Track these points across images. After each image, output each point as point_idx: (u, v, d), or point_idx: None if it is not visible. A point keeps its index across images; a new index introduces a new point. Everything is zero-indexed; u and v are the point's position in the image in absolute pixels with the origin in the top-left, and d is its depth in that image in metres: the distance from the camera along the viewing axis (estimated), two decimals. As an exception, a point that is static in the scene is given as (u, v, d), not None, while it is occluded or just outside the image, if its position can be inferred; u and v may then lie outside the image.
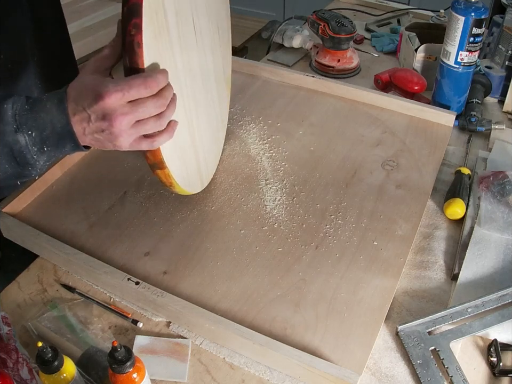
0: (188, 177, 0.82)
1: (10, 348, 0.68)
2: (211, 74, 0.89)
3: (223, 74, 0.97)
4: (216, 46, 0.89)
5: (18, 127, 0.62)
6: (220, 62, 0.93)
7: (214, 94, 0.91)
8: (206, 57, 0.85)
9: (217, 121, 0.95)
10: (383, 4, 1.69)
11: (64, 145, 0.65)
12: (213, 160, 0.95)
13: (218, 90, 0.94)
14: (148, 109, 0.62)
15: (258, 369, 0.71)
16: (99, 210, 0.91)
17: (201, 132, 0.86)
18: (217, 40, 0.89)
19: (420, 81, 1.20)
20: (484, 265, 0.83)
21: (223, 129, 1.02)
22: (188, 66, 0.76)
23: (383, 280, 0.80)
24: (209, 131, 0.90)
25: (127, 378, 0.60)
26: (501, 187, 0.92)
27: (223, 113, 1.00)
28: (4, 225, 0.86)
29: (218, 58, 0.91)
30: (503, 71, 1.23)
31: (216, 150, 0.97)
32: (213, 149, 0.94)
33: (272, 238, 0.86)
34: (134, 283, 0.76)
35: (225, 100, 1.01)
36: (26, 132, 0.62)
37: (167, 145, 0.69)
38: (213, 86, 0.90)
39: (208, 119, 0.89)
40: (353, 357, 0.70)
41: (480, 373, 0.71)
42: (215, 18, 0.87)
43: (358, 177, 0.98)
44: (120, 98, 0.60)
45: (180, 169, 0.77)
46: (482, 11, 1.03)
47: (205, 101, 0.87)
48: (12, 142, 0.62)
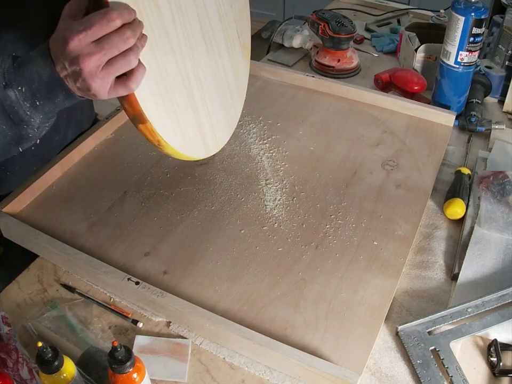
0: (183, 137, 0.77)
1: (10, 347, 0.68)
2: (218, 36, 0.83)
3: (238, 40, 0.92)
4: (224, 7, 0.84)
5: (8, 83, 0.63)
6: (232, 26, 0.89)
7: (225, 58, 0.86)
8: (208, 13, 0.80)
9: (229, 88, 0.89)
10: (383, 4, 1.69)
11: (56, 95, 0.64)
12: (223, 127, 0.89)
13: (231, 55, 0.89)
14: (114, 44, 0.58)
15: (258, 369, 0.71)
16: (99, 210, 0.91)
17: (204, 92, 0.81)
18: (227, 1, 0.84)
19: (420, 81, 1.20)
20: (483, 265, 0.83)
21: (240, 99, 0.95)
22: (178, 12, 0.72)
23: (383, 280, 0.80)
24: (217, 94, 0.85)
25: (127, 378, 0.60)
26: (501, 187, 0.92)
27: (238, 82, 0.94)
28: (4, 225, 0.86)
29: (229, 22, 0.87)
30: (503, 71, 1.23)
31: (228, 118, 0.91)
32: (222, 115, 0.88)
33: (272, 238, 0.86)
34: (134, 283, 0.76)
35: (241, 69, 0.95)
36: (16, 88, 0.63)
37: (148, 96, 0.66)
38: (222, 49, 0.85)
39: (215, 81, 0.84)
40: (353, 357, 0.70)
41: (480, 373, 0.71)
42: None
43: (358, 177, 0.98)
44: (84, 39, 0.58)
45: (170, 126, 0.73)
46: (482, 11, 1.03)
47: (210, 62, 0.81)
48: (2, 98, 0.63)
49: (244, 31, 0.95)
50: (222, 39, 0.86)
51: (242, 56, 0.96)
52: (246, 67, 0.98)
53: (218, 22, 0.84)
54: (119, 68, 0.60)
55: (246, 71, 0.98)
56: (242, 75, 0.97)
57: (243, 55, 0.96)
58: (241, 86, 0.97)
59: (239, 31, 0.93)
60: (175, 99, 0.74)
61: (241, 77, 0.97)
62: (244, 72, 0.98)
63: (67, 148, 0.99)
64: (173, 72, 0.71)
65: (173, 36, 0.72)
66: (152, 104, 0.68)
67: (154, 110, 0.68)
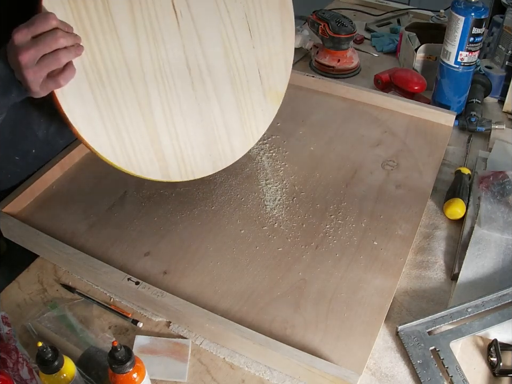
0: (128, 154, 0.79)
1: (10, 347, 0.68)
2: (216, 71, 0.85)
3: (258, 78, 0.91)
4: (234, 41, 0.86)
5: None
6: (247, 61, 0.89)
7: (220, 91, 0.87)
8: (203, 49, 0.82)
9: (217, 124, 0.89)
10: (383, 4, 1.69)
11: (11, 91, 0.69)
12: (200, 155, 0.88)
13: (237, 93, 0.89)
14: (47, 42, 0.65)
15: (258, 369, 0.71)
16: (99, 210, 0.91)
17: (175, 117, 0.82)
18: (243, 34, 0.87)
19: (420, 81, 1.20)
20: (483, 265, 0.83)
21: (242, 139, 0.92)
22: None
23: (383, 280, 0.80)
24: (195, 123, 0.85)
25: (127, 378, 0.59)
26: (501, 187, 0.92)
27: (246, 121, 0.92)
28: (4, 225, 0.86)
29: (242, 57, 0.88)
30: (503, 71, 1.23)
31: (207, 146, 0.88)
32: (200, 142, 0.87)
33: (272, 238, 0.86)
34: (134, 283, 0.76)
35: (257, 109, 0.93)
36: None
37: (77, 101, 0.71)
38: (218, 83, 0.86)
39: (194, 111, 0.84)
40: (353, 357, 0.70)
41: (480, 373, 0.71)
42: (241, 5, 0.85)
43: (358, 177, 0.98)
44: (26, 34, 0.64)
45: (106, 137, 0.76)
46: (482, 11, 1.03)
47: (191, 89, 0.83)
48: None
49: (279, 72, 0.95)
50: (220, 80, 0.87)
51: (265, 98, 0.94)
52: (271, 108, 0.96)
53: (220, 57, 0.85)
54: (49, 64, 0.66)
55: (270, 113, 0.96)
56: (258, 116, 0.94)
57: (267, 97, 0.94)
58: (253, 127, 0.94)
59: (266, 70, 0.92)
60: (126, 116, 0.77)
61: (252, 121, 0.93)
62: (266, 114, 0.95)
63: (67, 148, 0.99)
64: (125, 88, 0.76)
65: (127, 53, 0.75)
66: (81, 111, 0.72)
67: (83, 115, 0.72)
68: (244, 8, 0.85)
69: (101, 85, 0.74)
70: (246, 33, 0.87)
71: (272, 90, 0.94)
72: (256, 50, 0.90)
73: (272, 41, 0.91)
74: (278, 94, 0.96)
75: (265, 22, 0.89)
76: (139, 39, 0.76)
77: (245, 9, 0.85)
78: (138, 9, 0.74)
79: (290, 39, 0.94)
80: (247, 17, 0.86)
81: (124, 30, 0.74)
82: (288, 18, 0.92)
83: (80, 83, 0.71)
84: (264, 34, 0.90)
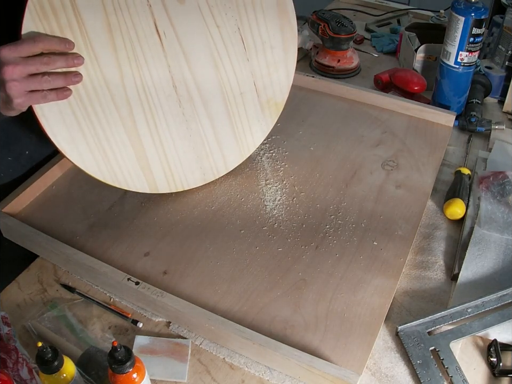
0: (121, 172, 0.83)
1: (10, 348, 0.68)
2: (205, 87, 0.85)
3: (253, 90, 0.90)
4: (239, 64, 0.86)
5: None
6: (241, 75, 0.88)
7: (209, 108, 0.87)
8: (191, 67, 0.82)
9: (207, 139, 0.89)
10: (383, 4, 1.69)
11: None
12: (189, 169, 0.90)
13: (230, 106, 0.89)
14: (34, 63, 0.69)
15: (258, 369, 0.71)
16: (99, 210, 0.91)
17: (161, 134, 0.84)
18: (235, 51, 0.85)
19: (420, 81, 1.20)
20: (483, 265, 0.83)
21: (236, 151, 0.93)
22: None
23: (383, 280, 0.80)
24: (183, 139, 0.87)
25: (127, 378, 0.59)
26: (501, 187, 0.92)
27: (241, 134, 0.92)
28: (4, 225, 0.86)
29: (235, 70, 0.87)
30: (503, 71, 1.23)
31: (197, 160, 0.90)
32: (190, 157, 0.89)
33: (272, 238, 0.86)
34: (134, 283, 0.76)
35: (253, 121, 0.92)
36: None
37: (58, 123, 0.74)
38: (207, 100, 0.86)
39: (181, 127, 0.85)
40: (353, 357, 0.70)
41: (480, 373, 0.71)
42: (232, 22, 0.83)
43: (358, 177, 0.98)
44: (14, 50, 0.68)
45: (94, 158, 0.80)
46: (482, 11, 1.03)
47: (178, 106, 0.84)
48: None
49: (273, 85, 0.92)
50: (209, 97, 0.86)
51: (262, 112, 0.93)
52: (267, 123, 0.95)
53: (211, 76, 0.85)
54: (32, 83, 0.69)
55: (264, 127, 0.95)
56: (253, 130, 0.93)
57: (263, 111, 0.93)
58: (242, 143, 0.93)
59: (263, 85, 0.91)
60: (111, 136, 0.80)
61: (247, 133, 0.93)
62: (261, 128, 0.94)
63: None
64: (112, 108, 0.78)
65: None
66: (65, 134, 0.76)
67: (68, 140, 0.77)
68: (236, 22, 0.83)
69: (82, 108, 0.76)
70: (239, 46, 0.85)
71: (270, 101, 0.93)
72: (251, 62, 0.88)
73: (271, 51, 0.89)
74: (277, 104, 0.95)
75: (261, 33, 0.87)
76: (120, 62, 0.76)
77: (238, 23, 0.83)
78: (118, 33, 0.75)
79: (291, 47, 0.91)
80: (239, 30, 0.84)
81: (104, 54, 0.75)
82: (289, 26, 0.89)
83: (61, 107, 0.74)
84: (260, 45, 0.87)
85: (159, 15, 0.76)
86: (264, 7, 0.85)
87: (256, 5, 0.84)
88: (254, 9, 0.84)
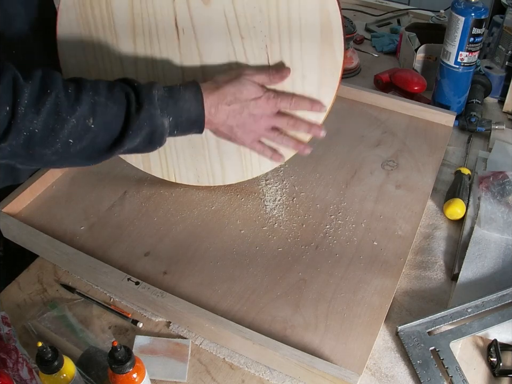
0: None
1: (10, 348, 0.68)
2: None
3: None
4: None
5: (161, 111, 0.68)
6: None
7: None
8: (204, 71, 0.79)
9: (204, 143, 0.87)
10: (383, 4, 1.69)
11: (191, 130, 0.73)
12: (185, 165, 0.90)
13: None
14: (284, 123, 0.77)
15: (258, 369, 0.71)
16: (99, 210, 0.91)
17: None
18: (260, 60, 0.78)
19: (420, 81, 1.20)
20: (483, 265, 0.83)
21: (237, 169, 0.89)
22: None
23: (383, 280, 0.80)
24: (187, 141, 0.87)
25: (127, 378, 0.60)
26: (501, 187, 0.92)
27: (246, 154, 0.87)
28: (4, 225, 0.86)
29: None
30: (503, 71, 1.23)
31: (189, 161, 0.90)
32: (182, 152, 0.89)
33: (272, 238, 0.86)
34: (134, 283, 0.76)
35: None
36: (167, 117, 0.69)
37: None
38: None
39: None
40: (353, 357, 0.70)
41: (480, 373, 0.71)
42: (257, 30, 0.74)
43: (358, 177, 0.98)
44: (274, 106, 0.75)
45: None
46: (482, 11, 1.03)
47: None
48: (159, 124, 0.68)
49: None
50: None
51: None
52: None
53: None
54: (272, 138, 0.80)
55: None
56: (262, 157, 0.87)
57: None
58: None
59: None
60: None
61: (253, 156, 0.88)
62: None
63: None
64: None
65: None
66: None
67: None
68: (264, 38, 0.75)
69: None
70: (262, 64, 0.78)
71: (289, 133, 0.84)
72: (274, 86, 0.78)
73: (301, 81, 0.78)
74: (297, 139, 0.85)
75: (293, 58, 0.76)
76: (136, 45, 0.77)
77: (266, 40, 0.75)
78: (139, 17, 0.75)
79: (328, 83, 0.78)
80: (267, 48, 0.76)
81: (123, 33, 0.76)
82: (331, 60, 0.76)
83: None
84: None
85: (180, 12, 0.75)
86: (303, 31, 0.74)
87: (293, 26, 0.73)
88: (289, 30, 0.74)
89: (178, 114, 0.70)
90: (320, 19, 0.73)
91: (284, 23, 0.73)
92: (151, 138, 0.69)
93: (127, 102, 0.66)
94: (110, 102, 0.65)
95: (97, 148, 0.67)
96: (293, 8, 0.72)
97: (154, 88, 0.68)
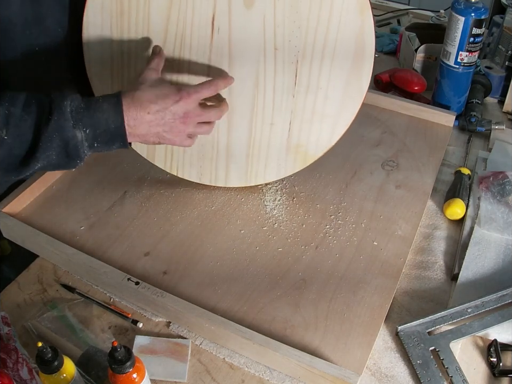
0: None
1: (10, 347, 0.68)
2: (237, 93, 0.80)
3: (286, 129, 0.83)
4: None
5: (75, 123, 0.66)
6: (279, 105, 0.80)
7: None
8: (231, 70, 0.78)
9: (214, 144, 0.88)
10: (383, 4, 1.68)
11: (114, 143, 0.71)
12: (189, 162, 0.91)
13: (253, 129, 0.84)
14: (210, 115, 0.75)
15: (258, 369, 0.71)
16: (99, 210, 0.91)
17: None
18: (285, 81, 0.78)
19: (420, 81, 1.20)
20: (483, 265, 0.83)
21: (241, 174, 0.90)
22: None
23: (383, 280, 0.80)
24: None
25: (127, 378, 0.60)
26: (501, 187, 0.92)
27: (254, 163, 0.88)
28: (4, 225, 0.86)
29: (275, 98, 0.80)
30: (503, 71, 1.23)
31: (195, 157, 0.90)
32: (188, 148, 0.89)
33: (272, 238, 0.86)
34: (134, 283, 0.76)
35: (272, 158, 0.87)
36: (82, 128, 0.67)
37: None
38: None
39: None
40: (353, 357, 0.70)
41: (480, 373, 0.71)
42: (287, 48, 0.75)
43: (358, 177, 0.98)
44: (196, 100, 0.72)
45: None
46: (482, 11, 1.03)
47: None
48: (70, 137, 0.67)
49: (307, 133, 0.84)
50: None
51: (284, 155, 0.87)
52: (282, 167, 0.88)
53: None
54: (198, 132, 0.77)
55: (281, 171, 0.89)
56: (268, 167, 0.89)
57: (286, 155, 0.86)
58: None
59: (296, 129, 0.84)
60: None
61: (260, 166, 0.89)
62: (277, 169, 0.89)
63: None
64: None
65: None
66: None
67: None
68: (297, 53, 0.76)
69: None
70: (289, 78, 0.78)
71: (300, 148, 0.85)
72: (296, 100, 0.80)
73: (323, 100, 0.79)
74: (307, 156, 0.86)
75: (320, 77, 0.78)
76: (167, 34, 0.77)
77: (298, 56, 0.76)
78: (176, 7, 0.74)
79: (349, 108, 0.80)
80: (297, 63, 0.77)
81: (156, 18, 0.76)
82: (357, 86, 0.78)
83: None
84: (314, 89, 0.79)
85: (220, 10, 0.74)
86: (336, 54, 0.76)
87: (327, 47, 0.75)
88: (323, 50, 0.75)
89: (95, 126, 0.68)
90: (355, 47, 0.76)
91: (319, 43, 0.75)
92: (67, 151, 0.68)
93: (39, 113, 0.66)
94: (26, 113, 0.66)
95: (13, 161, 0.67)
96: (331, 31, 0.74)
97: (68, 99, 0.67)
